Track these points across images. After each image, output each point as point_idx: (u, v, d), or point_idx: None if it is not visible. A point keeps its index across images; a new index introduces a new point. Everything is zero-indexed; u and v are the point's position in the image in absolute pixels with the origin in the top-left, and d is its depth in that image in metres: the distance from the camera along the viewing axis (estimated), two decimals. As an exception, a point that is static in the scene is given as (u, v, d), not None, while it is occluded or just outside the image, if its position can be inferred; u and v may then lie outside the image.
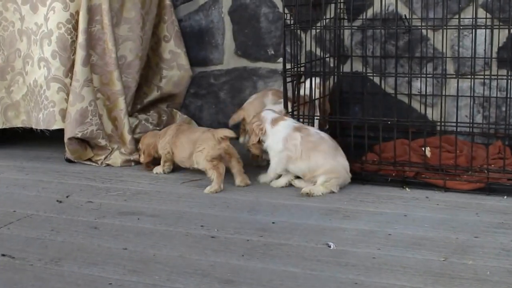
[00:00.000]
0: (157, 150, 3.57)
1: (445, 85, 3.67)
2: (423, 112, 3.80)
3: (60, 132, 3.72)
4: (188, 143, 3.40)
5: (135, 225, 2.81)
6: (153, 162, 3.65)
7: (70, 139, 3.70)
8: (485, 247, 2.47)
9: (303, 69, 3.67)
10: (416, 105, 3.84)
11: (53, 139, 3.90)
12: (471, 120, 3.48)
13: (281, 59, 3.99)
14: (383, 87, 3.81)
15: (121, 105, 3.81)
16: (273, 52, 4.26)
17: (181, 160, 3.48)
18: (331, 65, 3.85)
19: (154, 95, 4.33)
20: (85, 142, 3.80)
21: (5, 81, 3.93)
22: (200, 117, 4.49)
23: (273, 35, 4.24)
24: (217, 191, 3.23)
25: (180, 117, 4.35)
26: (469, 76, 3.35)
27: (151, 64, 4.32)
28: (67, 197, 3.23)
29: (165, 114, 4.30)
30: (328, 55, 3.79)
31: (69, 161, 3.85)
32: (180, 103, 4.48)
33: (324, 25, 3.69)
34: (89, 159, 3.85)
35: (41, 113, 3.73)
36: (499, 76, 3.37)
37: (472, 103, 3.55)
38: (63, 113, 3.69)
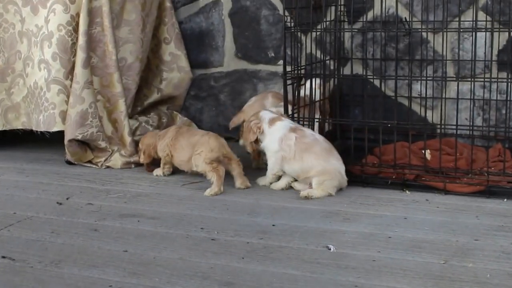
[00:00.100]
0: (157, 151, 3.57)
1: (445, 87, 3.68)
2: (423, 114, 3.79)
3: (60, 134, 3.72)
4: (187, 146, 3.40)
5: (135, 227, 2.81)
6: (153, 163, 3.65)
7: (70, 141, 3.70)
8: (485, 250, 2.47)
9: (303, 71, 3.67)
10: (416, 107, 3.84)
11: (53, 141, 3.91)
12: (471, 122, 3.48)
13: (281, 62, 4.00)
14: (383, 89, 3.81)
15: (121, 107, 3.81)
16: (273, 54, 4.27)
17: (180, 163, 3.48)
18: (331, 68, 3.85)
19: (154, 97, 4.33)
20: (85, 144, 3.80)
21: (5, 83, 3.93)
22: (200, 120, 4.49)
23: (273, 38, 4.24)
24: (217, 194, 3.23)
25: (180, 119, 4.35)
26: (469, 79, 3.35)
27: (151, 66, 4.32)
28: (67, 199, 3.23)
29: (165, 116, 4.30)
30: (328, 57, 3.79)
31: (69, 163, 3.85)
32: (180, 105, 4.48)
33: (324, 27, 3.69)
34: (89, 161, 3.85)
35: (41, 115, 3.73)
36: (499, 79, 3.37)
37: (472, 106, 3.55)
38: (63, 115, 3.69)
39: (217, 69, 4.44)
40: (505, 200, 3.07)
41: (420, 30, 3.67)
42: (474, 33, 3.15)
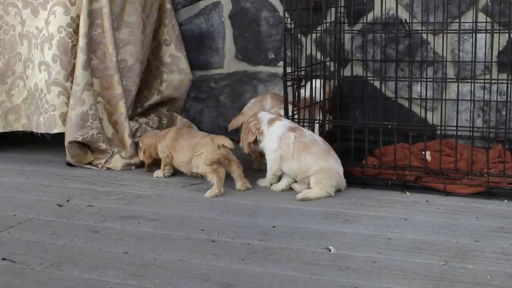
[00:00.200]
0: (157, 152, 3.58)
1: (445, 89, 3.68)
2: (423, 116, 3.80)
3: (60, 136, 3.72)
4: (187, 148, 3.40)
5: (136, 229, 2.81)
6: (153, 163, 3.65)
7: (70, 142, 3.70)
8: (485, 251, 2.47)
9: (303, 73, 3.67)
10: (416, 109, 3.84)
11: (53, 143, 3.91)
12: (471, 124, 3.48)
13: (281, 63, 4.00)
14: (383, 91, 3.81)
15: (122, 108, 3.81)
16: (273, 56, 4.27)
17: (180, 164, 3.48)
18: (332, 69, 3.85)
19: (154, 98, 4.34)
20: (85, 146, 3.80)
21: (5, 85, 3.93)
22: (200, 121, 4.49)
23: (273, 39, 4.25)
24: (218, 195, 3.23)
25: (180, 121, 4.35)
26: (469, 80, 3.35)
27: (151, 68, 4.32)
28: (68, 201, 3.23)
29: (166, 117, 4.30)
30: (328, 59, 3.79)
31: (69, 164, 3.85)
32: (180, 106, 4.48)
33: (324, 29, 3.69)
34: (90, 163, 3.85)
35: (41, 116, 3.73)
36: (499, 80, 3.37)
37: (472, 107, 3.56)
38: (64, 117, 3.69)
39: (217, 71, 4.44)
40: (506, 201, 3.07)
41: (420, 31, 3.67)
42: (474, 34, 3.15)
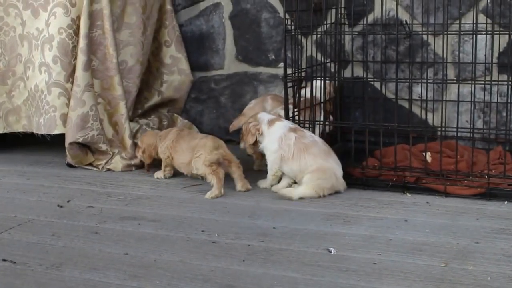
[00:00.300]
0: (158, 152, 3.58)
1: (446, 90, 3.68)
2: (423, 117, 3.79)
3: (61, 137, 3.72)
4: (187, 150, 3.40)
5: (136, 230, 2.81)
6: (153, 164, 3.66)
7: (71, 144, 3.70)
8: (485, 253, 2.47)
9: (304, 74, 3.67)
10: (416, 110, 3.84)
11: (54, 144, 3.91)
12: (472, 125, 3.48)
13: (282, 64, 4.00)
14: (383, 92, 3.81)
15: (122, 110, 3.81)
16: (274, 57, 4.27)
17: (180, 165, 3.48)
18: (332, 70, 3.85)
19: (155, 99, 4.34)
20: (86, 147, 3.80)
21: (6, 86, 3.93)
22: (200, 122, 4.49)
23: (274, 40, 4.25)
24: (218, 196, 3.23)
25: (181, 122, 4.35)
26: (470, 81, 3.35)
27: (152, 69, 4.32)
28: (68, 202, 3.23)
29: (166, 118, 4.30)
30: (329, 60, 3.79)
31: (70, 166, 3.85)
32: (180, 107, 4.48)
33: (325, 30, 3.69)
34: (90, 164, 3.85)
35: (42, 118, 3.73)
36: (500, 81, 3.37)
37: (472, 108, 3.55)
38: (64, 118, 3.69)
39: (218, 72, 4.44)
40: (506, 202, 3.07)
41: (420, 32, 3.67)
42: (474, 35, 3.15)
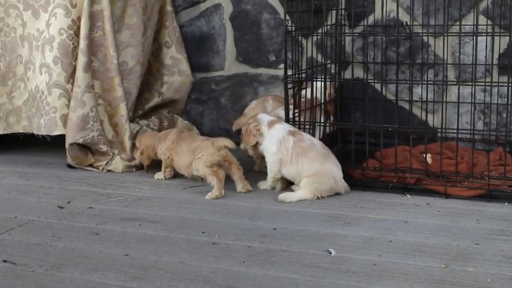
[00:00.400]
0: (156, 153, 3.58)
1: (446, 91, 3.67)
2: (424, 118, 3.80)
3: (61, 137, 3.72)
4: (188, 152, 3.40)
5: (137, 231, 2.81)
6: (152, 164, 3.66)
7: (71, 144, 3.71)
8: (486, 254, 2.47)
9: (304, 75, 3.67)
10: (417, 111, 3.84)
11: (54, 144, 3.91)
12: (472, 126, 3.48)
13: (282, 65, 4.00)
14: (384, 93, 3.81)
15: (123, 111, 3.81)
16: (274, 58, 4.27)
17: (180, 167, 3.48)
18: (332, 72, 3.85)
19: (155, 100, 4.34)
20: (86, 147, 3.80)
21: (6, 87, 3.93)
22: (201, 123, 4.49)
23: (274, 41, 4.25)
24: (218, 197, 3.23)
25: (181, 123, 4.35)
26: (470, 82, 3.35)
27: (152, 70, 4.32)
28: (68, 203, 3.23)
29: (166, 120, 4.30)
30: (329, 61, 3.79)
31: (70, 166, 3.85)
32: (181, 108, 4.48)
33: (325, 31, 3.69)
34: (90, 165, 3.85)
35: (42, 118, 3.73)
36: (500, 82, 3.38)
37: (473, 109, 3.56)
38: (65, 119, 3.69)
39: (218, 73, 4.44)
40: (506, 204, 3.07)
41: (421, 34, 3.67)
42: (475, 37, 3.16)
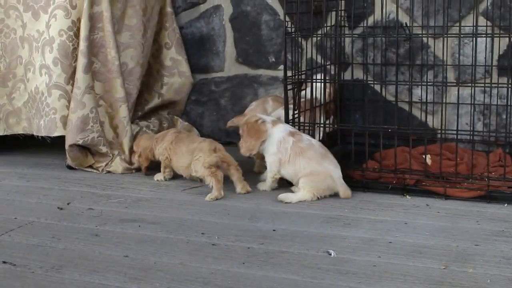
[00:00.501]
0: (154, 154, 3.58)
1: (446, 92, 3.68)
2: (423, 119, 3.80)
3: (61, 139, 3.72)
4: (187, 153, 3.41)
5: (136, 232, 2.81)
6: (151, 166, 3.66)
7: (71, 146, 3.71)
8: (485, 255, 2.47)
9: (304, 76, 3.67)
10: (416, 112, 3.84)
11: (54, 146, 3.91)
12: (472, 127, 3.48)
13: (282, 67, 4.00)
14: (383, 94, 3.81)
15: (124, 112, 3.81)
16: (274, 59, 4.27)
17: (178, 168, 3.49)
18: (332, 73, 3.85)
19: (155, 102, 4.34)
20: (86, 149, 3.80)
21: (6, 88, 3.93)
22: (201, 124, 4.49)
23: (274, 43, 4.25)
24: (218, 198, 3.23)
25: (181, 124, 4.36)
26: (470, 84, 3.35)
27: (152, 71, 4.33)
28: (68, 204, 3.23)
29: (166, 121, 4.30)
30: (329, 62, 3.79)
31: (70, 168, 3.85)
32: (181, 110, 4.48)
33: (325, 32, 3.70)
34: (90, 166, 3.85)
35: (42, 120, 3.74)
36: (500, 84, 3.37)
37: (472, 110, 3.56)
38: (64, 120, 3.69)
39: (218, 74, 4.45)
40: (506, 205, 3.07)
41: (420, 35, 3.68)
42: (474, 38, 3.16)
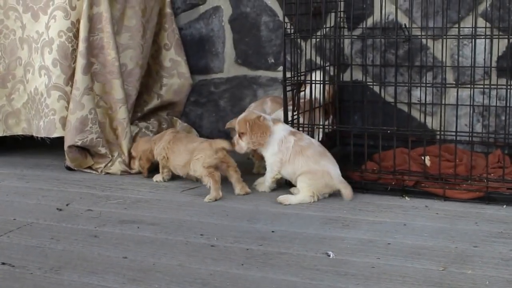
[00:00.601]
0: (154, 154, 3.59)
1: (445, 94, 3.68)
2: (422, 121, 3.80)
3: (60, 140, 3.72)
4: (184, 152, 3.41)
5: (135, 233, 2.81)
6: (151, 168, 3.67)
7: (70, 147, 3.71)
8: (484, 257, 2.47)
9: (303, 77, 3.68)
10: (415, 114, 3.84)
11: (53, 147, 3.91)
12: (471, 129, 3.48)
13: (281, 68, 4.00)
14: (383, 96, 3.81)
15: (124, 113, 3.81)
16: (273, 60, 4.27)
17: (175, 167, 3.49)
18: (331, 74, 3.85)
19: (154, 103, 4.34)
20: (85, 150, 3.81)
21: (6, 89, 3.94)
22: (200, 125, 4.50)
23: (273, 44, 4.25)
24: (216, 198, 3.23)
25: (180, 125, 4.36)
26: (469, 85, 3.35)
27: (151, 72, 4.33)
28: (67, 205, 3.23)
29: (166, 122, 4.31)
30: (328, 63, 3.79)
31: (69, 169, 3.85)
32: (180, 111, 4.48)
33: (324, 34, 3.70)
34: (89, 167, 3.85)
35: (41, 121, 3.74)
36: (499, 85, 3.37)
37: (471, 112, 3.56)
38: (64, 121, 3.69)
39: (217, 75, 4.45)
40: (505, 206, 3.07)
41: (419, 36, 3.68)
42: (473, 39, 3.16)
